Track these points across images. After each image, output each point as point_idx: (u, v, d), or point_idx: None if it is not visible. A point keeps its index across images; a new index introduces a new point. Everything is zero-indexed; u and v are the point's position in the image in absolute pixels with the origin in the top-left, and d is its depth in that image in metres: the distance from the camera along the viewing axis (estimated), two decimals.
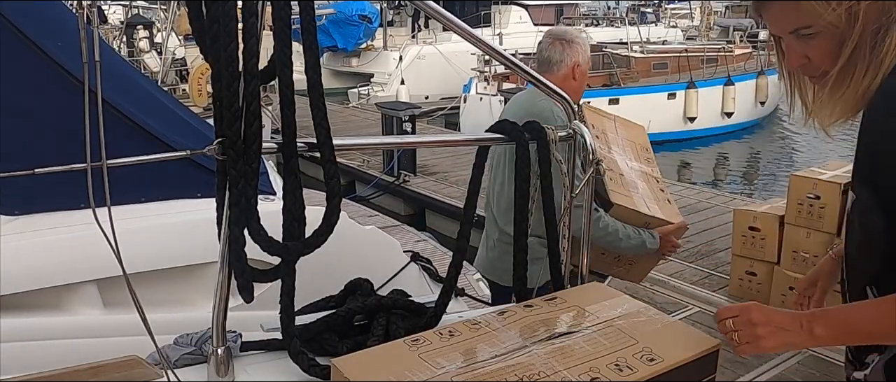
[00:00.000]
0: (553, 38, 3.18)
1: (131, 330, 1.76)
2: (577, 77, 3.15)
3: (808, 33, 1.33)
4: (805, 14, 1.30)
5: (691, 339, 1.48)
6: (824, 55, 1.34)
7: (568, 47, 3.14)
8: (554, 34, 3.23)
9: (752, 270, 5.53)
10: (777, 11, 1.36)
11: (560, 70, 3.11)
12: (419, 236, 6.45)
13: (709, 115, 16.60)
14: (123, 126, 2.72)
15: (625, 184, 2.98)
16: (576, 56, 3.14)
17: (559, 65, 3.12)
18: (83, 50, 1.23)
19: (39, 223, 2.64)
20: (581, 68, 3.14)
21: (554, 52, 3.14)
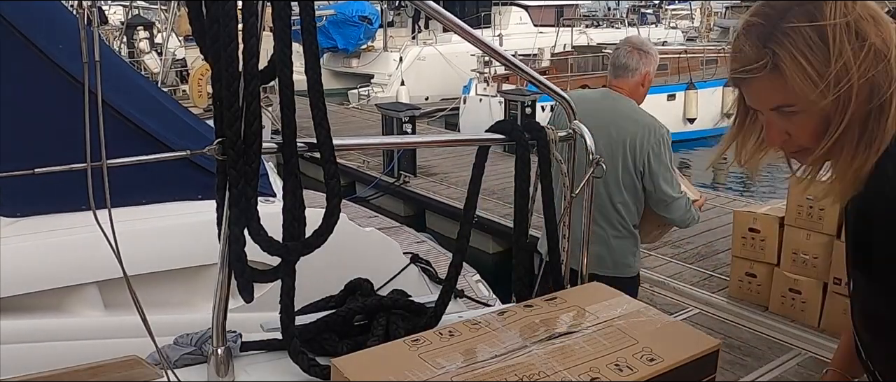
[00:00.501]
0: (632, 47, 3.48)
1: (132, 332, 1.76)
2: (645, 84, 3.49)
3: (792, 111, 1.24)
4: (791, 93, 1.21)
5: (691, 339, 1.48)
6: (807, 132, 1.24)
7: (644, 57, 3.46)
8: (632, 43, 3.53)
9: (752, 271, 5.52)
10: (760, 88, 1.25)
11: (634, 77, 3.44)
12: (419, 237, 6.45)
13: (708, 116, 16.60)
14: (123, 127, 2.72)
15: None
16: (649, 66, 3.46)
17: (634, 73, 3.44)
18: (83, 50, 1.23)
19: (41, 225, 2.64)
20: (650, 77, 3.47)
21: (631, 59, 3.44)
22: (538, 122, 1.86)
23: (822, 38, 1.16)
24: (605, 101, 3.46)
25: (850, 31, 1.16)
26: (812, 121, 1.22)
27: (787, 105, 1.23)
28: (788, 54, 1.18)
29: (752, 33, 1.24)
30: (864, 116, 1.18)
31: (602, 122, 3.32)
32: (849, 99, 1.17)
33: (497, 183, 8.13)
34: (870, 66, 1.16)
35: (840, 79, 1.16)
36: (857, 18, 1.17)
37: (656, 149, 3.35)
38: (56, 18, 2.77)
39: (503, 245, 8.20)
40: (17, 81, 2.60)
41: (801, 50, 1.17)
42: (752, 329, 5.27)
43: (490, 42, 1.96)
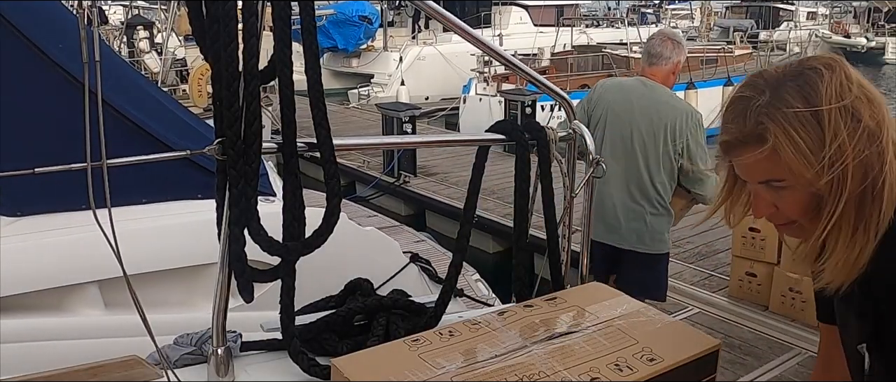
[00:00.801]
0: (665, 37, 3.81)
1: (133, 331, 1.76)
2: (675, 72, 3.82)
3: (781, 186, 1.21)
4: (781, 168, 1.18)
5: (691, 339, 1.48)
6: (796, 207, 1.22)
7: (676, 47, 3.77)
8: (666, 34, 3.89)
9: (752, 271, 5.52)
10: (750, 160, 1.21)
11: (667, 65, 3.76)
12: (418, 237, 6.44)
13: (708, 116, 16.51)
14: (123, 127, 2.72)
15: None
16: (680, 55, 3.78)
17: (667, 61, 3.75)
18: (83, 50, 1.23)
19: (41, 224, 2.64)
20: (679, 66, 3.80)
21: (665, 48, 3.76)
22: (538, 122, 1.86)
23: (816, 118, 1.14)
24: (644, 89, 3.75)
25: (845, 112, 1.14)
26: (801, 196, 1.20)
27: (777, 179, 1.20)
28: (782, 131, 1.15)
29: (742, 105, 1.22)
30: (858, 198, 1.16)
31: (643, 108, 3.69)
32: (844, 180, 1.14)
33: (497, 183, 8.13)
34: (863, 147, 1.14)
35: (834, 160, 1.13)
36: (853, 99, 1.15)
37: (694, 131, 3.68)
38: (56, 18, 2.77)
39: (503, 245, 8.20)
40: (17, 81, 2.60)
41: (795, 128, 1.15)
42: (752, 329, 5.27)
43: (490, 42, 1.96)
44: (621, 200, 3.77)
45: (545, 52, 19.51)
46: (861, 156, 1.14)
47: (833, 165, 1.14)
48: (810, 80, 1.16)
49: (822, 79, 1.15)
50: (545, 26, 22.69)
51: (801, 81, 1.16)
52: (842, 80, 1.16)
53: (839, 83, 1.15)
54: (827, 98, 1.14)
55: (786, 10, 38.09)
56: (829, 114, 1.13)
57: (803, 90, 1.16)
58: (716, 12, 31.40)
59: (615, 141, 3.75)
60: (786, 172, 1.18)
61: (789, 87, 1.17)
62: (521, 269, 1.86)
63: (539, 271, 1.93)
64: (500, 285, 4.91)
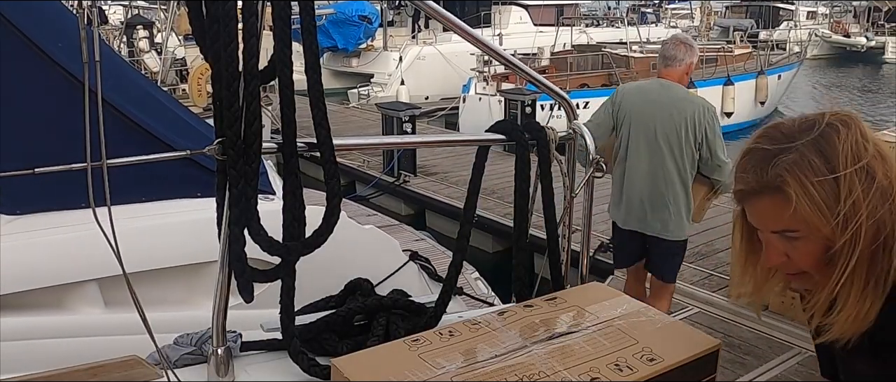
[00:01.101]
0: (679, 41, 4.23)
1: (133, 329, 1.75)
2: (689, 73, 4.22)
3: (794, 236, 1.22)
4: (795, 219, 1.19)
5: (691, 339, 1.48)
6: (808, 258, 1.23)
7: (689, 50, 4.17)
8: (679, 39, 4.31)
9: None
10: (766, 209, 1.22)
11: (681, 66, 4.14)
12: (418, 235, 6.44)
13: None
14: (123, 126, 2.72)
15: None
16: (693, 57, 4.18)
17: (680, 63, 4.13)
18: (83, 50, 1.23)
19: (40, 222, 2.64)
20: (692, 67, 4.20)
21: (679, 51, 4.15)
22: (538, 122, 1.86)
23: (831, 172, 1.15)
24: (662, 89, 4.14)
25: (861, 170, 1.15)
26: (814, 247, 1.21)
27: (791, 230, 1.21)
28: (799, 184, 1.16)
29: (759, 156, 1.22)
30: (871, 254, 1.17)
31: (664, 106, 4.05)
32: (858, 236, 1.16)
33: (497, 182, 8.13)
34: (877, 205, 1.15)
35: (849, 216, 1.15)
36: (869, 158, 1.17)
37: (711, 122, 4.06)
38: (55, 17, 2.77)
39: (503, 244, 8.19)
40: (16, 79, 2.60)
41: (813, 182, 1.16)
42: (752, 328, 5.27)
43: (490, 41, 1.96)
44: (648, 192, 4.11)
45: (545, 52, 19.51)
46: (875, 214, 1.15)
47: (848, 221, 1.15)
48: (828, 137, 1.17)
49: (840, 136, 1.17)
50: (545, 26, 22.68)
51: (819, 136, 1.18)
52: (857, 138, 1.18)
53: (855, 141, 1.17)
54: (844, 155, 1.16)
55: (786, 9, 38.11)
56: (845, 169, 1.15)
57: (820, 145, 1.17)
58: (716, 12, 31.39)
59: (639, 138, 4.10)
60: (801, 224, 1.19)
61: (807, 142, 1.18)
62: (521, 269, 1.86)
63: (539, 271, 1.93)
64: (500, 285, 4.91)
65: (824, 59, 35.01)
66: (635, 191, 4.15)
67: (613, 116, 4.18)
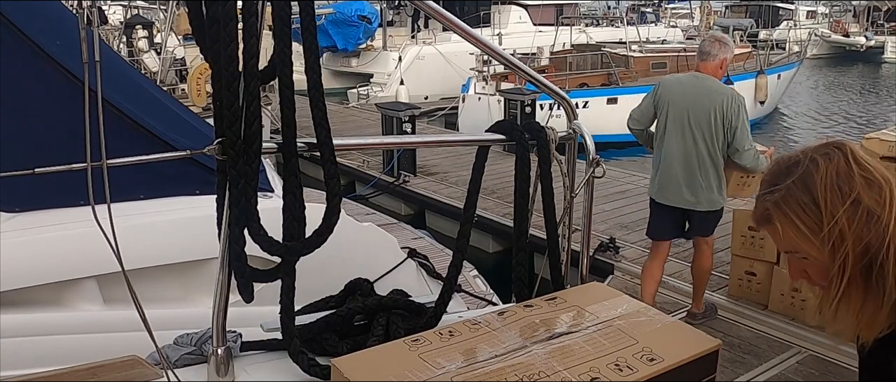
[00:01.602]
0: (714, 39, 4.80)
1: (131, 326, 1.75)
2: (722, 67, 4.74)
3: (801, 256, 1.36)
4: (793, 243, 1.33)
5: (691, 339, 1.48)
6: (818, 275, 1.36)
7: (723, 47, 4.72)
8: (715, 37, 4.88)
9: (752, 270, 5.52)
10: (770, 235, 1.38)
11: (715, 61, 4.67)
12: (416, 233, 6.43)
13: None
14: (121, 124, 2.72)
15: None
16: (727, 54, 4.71)
17: (715, 58, 4.67)
18: (83, 50, 1.23)
19: (39, 220, 2.64)
20: (726, 62, 4.73)
21: (713, 48, 4.69)
22: (538, 122, 1.86)
23: (814, 202, 1.29)
24: (696, 81, 4.68)
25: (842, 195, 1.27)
26: (819, 266, 1.34)
27: (794, 251, 1.36)
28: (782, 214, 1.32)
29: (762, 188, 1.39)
30: (863, 272, 1.29)
31: (698, 96, 4.60)
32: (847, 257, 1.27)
33: (497, 182, 8.13)
34: (864, 228, 1.26)
35: (834, 239, 1.28)
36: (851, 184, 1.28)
37: (737, 110, 4.56)
38: (54, 17, 2.76)
39: (503, 244, 8.19)
40: (14, 77, 2.60)
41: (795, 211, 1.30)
42: (752, 328, 5.27)
43: (489, 41, 1.96)
44: (683, 171, 4.66)
45: (544, 51, 19.49)
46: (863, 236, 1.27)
47: (834, 244, 1.28)
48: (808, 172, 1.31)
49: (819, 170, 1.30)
50: (545, 25, 22.66)
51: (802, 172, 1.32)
52: (840, 169, 1.30)
53: (835, 172, 1.30)
54: (822, 186, 1.29)
55: (785, 8, 38.11)
56: (825, 199, 1.28)
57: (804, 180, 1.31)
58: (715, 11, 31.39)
59: (676, 124, 4.66)
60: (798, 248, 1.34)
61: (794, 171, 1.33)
62: (521, 269, 1.86)
63: (539, 271, 1.93)
64: (500, 285, 4.91)
65: (823, 59, 35.01)
66: (672, 170, 4.70)
67: (654, 105, 4.78)
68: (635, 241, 7.13)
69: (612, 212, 8.17)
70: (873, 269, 1.28)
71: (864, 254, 1.27)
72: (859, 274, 1.29)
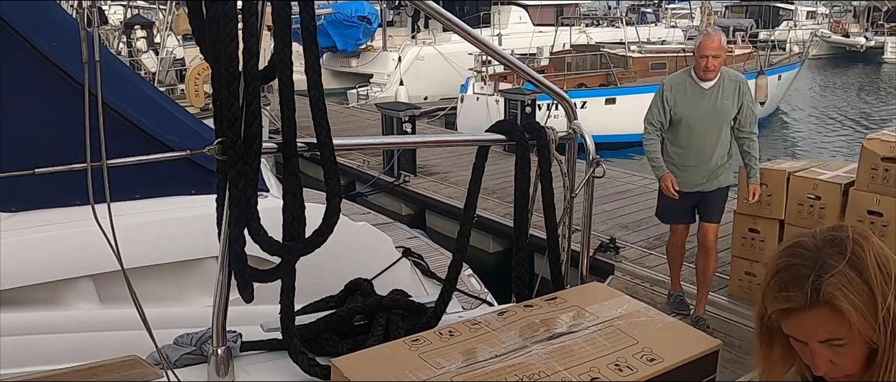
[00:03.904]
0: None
1: (127, 325, 1.75)
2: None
3: (841, 344, 1.31)
4: (840, 328, 1.28)
5: (691, 339, 1.48)
6: (853, 362, 1.33)
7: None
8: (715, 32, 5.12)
9: (752, 271, 5.52)
10: (815, 324, 1.31)
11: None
12: (411, 233, 6.43)
13: None
14: (118, 124, 2.72)
15: None
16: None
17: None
18: (83, 50, 1.23)
19: (35, 219, 2.64)
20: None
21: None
22: (538, 122, 1.86)
23: (866, 283, 1.27)
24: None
25: (888, 276, 1.27)
26: (859, 352, 1.31)
27: (837, 339, 1.30)
28: (846, 299, 1.27)
29: (796, 273, 1.31)
30: None
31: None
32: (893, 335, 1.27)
33: (497, 182, 8.12)
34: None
35: (887, 319, 1.26)
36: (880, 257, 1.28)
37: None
38: (50, 16, 2.77)
39: (503, 245, 8.19)
40: (10, 78, 2.60)
41: (854, 293, 1.27)
42: (752, 328, 5.25)
43: (489, 41, 1.96)
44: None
45: (544, 52, 19.49)
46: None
47: (886, 323, 1.27)
48: (858, 253, 1.29)
49: (865, 250, 1.29)
50: (545, 26, 22.66)
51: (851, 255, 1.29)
52: (879, 250, 1.30)
53: (877, 253, 1.30)
54: (873, 267, 1.28)
55: (785, 9, 38.10)
56: (876, 279, 1.27)
57: (854, 262, 1.29)
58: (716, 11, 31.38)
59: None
60: (848, 333, 1.29)
61: (835, 256, 1.30)
62: (522, 269, 1.85)
63: (539, 271, 1.93)
64: (500, 285, 4.90)
65: (824, 59, 35.00)
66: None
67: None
68: (635, 241, 7.13)
69: (612, 212, 8.17)
70: None
71: None
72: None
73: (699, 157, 4.97)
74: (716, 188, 5.07)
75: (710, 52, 4.80)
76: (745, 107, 4.97)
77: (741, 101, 4.94)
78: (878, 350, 1.29)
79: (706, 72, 4.82)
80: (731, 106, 4.89)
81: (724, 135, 4.93)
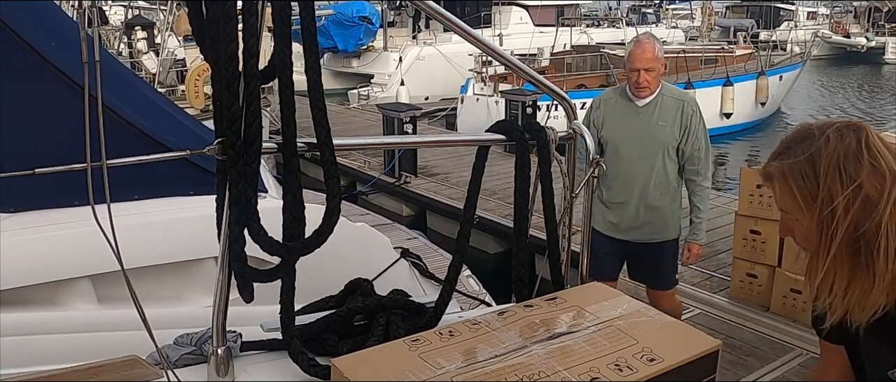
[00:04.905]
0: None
1: (125, 325, 1.75)
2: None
3: (790, 218, 1.45)
4: (787, 205, 1.43)
5: (691, 339, 1.48)
6: (803, 239, 1.46)
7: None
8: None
9: (753, 272, 5.51)
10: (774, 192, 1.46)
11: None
12: (410, 234, 6.43)
13: (706, 116, 16.42)
14: (116, 125, 2.72)
15: None
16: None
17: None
18: (83, 50, 1.23)
19: (34, 220, 2.65)
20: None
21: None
22: (538, 122, 1.86)
23: (815, 175, 1.36)
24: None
25: (844, 174, 1.34)
26: (804, 231, 1.44)
27: (786, 211, 1.46)
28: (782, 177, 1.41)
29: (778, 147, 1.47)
30: (852, 251, 1.35)
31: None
32: (834, 234, 1.35)
33: (497, 183, 8.12)
34: (860, 212, 1.32)
35: (825, 215, 1.35)
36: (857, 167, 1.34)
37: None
38: (48, 16, 2.77)
39: (503, 245, 8.19)
40: (8, 77, 2.60)
41: (795, 177, 1.39)
42: (753, 330, 5.26)
43: (489, 42, 1.96)
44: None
45: (544, 52, 19.50)
46: (856, 219, 1.33)
47: (823, 218, 1.36)
48: (819, 147, 1.38)
49: (829, 147, 1.37)
50: (545, 26, 22.68)
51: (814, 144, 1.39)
52: (849, 149, 1.36)
53: (844, 152, 1.36)
54: (826, 163, 1.35)
55: (786, 9, 38.11)
56: (826, 176, 1.35)
57: (811, 152, 1.38)
58: (716, 12, 31.39)
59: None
60: (794, 210, 1.42)
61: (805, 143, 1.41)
62: (522, 269, 1.85)
63: (539, 271, 1.93)
64: (500, 285, 4.90)
65: (824, 60, 35.00)
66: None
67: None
68: None
69: None
70: (861, 251, 1.33)
71: (854, 236, 1.33)
72: (846, 253, 1.35)
73: (626, 192, 3.90)
74: (651, 241, 3.98)
75: (641, 65, 3.76)
76: (691, 136, 3.86)
77: (685, 127, 3.84)
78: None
79: (638, 89, 3.82)
80: (670, 131, 3.83)
81: (659, 167, 3.86)
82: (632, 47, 3.88)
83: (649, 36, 4.04)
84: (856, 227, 1.33)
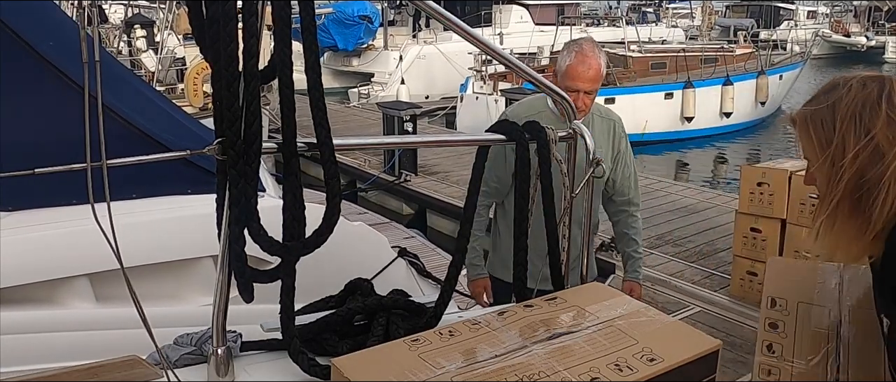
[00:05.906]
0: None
1: (123, 324, 1.75)
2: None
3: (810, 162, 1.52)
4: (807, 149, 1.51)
5: (692, 339, 1.48)
6: (820, 183, 1.50)
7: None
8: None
9: (754, 270, 5.52)
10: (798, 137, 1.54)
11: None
12: (408, 233, 6.44)
13: (706, 115, 16.56)
14: (115, 124, 2.72)
15: None
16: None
17: None
18: (83, 50, 1.23)
19: (32, 218, 2.65)
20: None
21: None
22: (538, 122, 1.85)
23: (833, 121, 1.42)
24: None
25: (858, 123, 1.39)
26: (821, 176, 1.48)
27: (807, 158, 1.52)
28: (802, 121, 1.49)
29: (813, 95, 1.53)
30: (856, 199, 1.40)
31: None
32: (841, 179, 1.40)
33: None
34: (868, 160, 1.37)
35: (835, 159, 1.41)
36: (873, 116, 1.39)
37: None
38: (46, 15, 2.77)
39: None
40: (9, 79, 2.60)
41: (812, 123, 1.46)
42: (753, 327, 5.26)
43: (489, 41, 1.96)
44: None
45: (544, 51, 19.51)
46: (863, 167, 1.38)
47: (833, 164, 1.41)
48: (839, 96, 1.44)
49: (849, 93, 1.42)
50: (545, 25, 22.68)
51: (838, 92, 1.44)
52: (868, 99, 1.41)
53: (863, 101, 1.41)
54: (843, 111, 1.41)
55: (786, 8, 38.11)
56: (843, 122, 1.41)
57: (832, 101, 1.45)
58: (716, 11, 31.40)
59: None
60: (810, 154, 1.49)
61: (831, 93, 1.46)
62: (521, 269, 1.85)
63: None
64: None
65: (824, 59, 34.99)
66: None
67: None
68: None
69: None
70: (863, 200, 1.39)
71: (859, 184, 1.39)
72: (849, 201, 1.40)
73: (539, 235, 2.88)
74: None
75: (583, 86, 2.89)
76: (620, 163, 3.20)
77: (617, 151, 3.18)
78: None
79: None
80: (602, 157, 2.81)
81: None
82: (571, 58, 2.92)
83: (592, 44, 3.03)
84: (861, 176, 1.38)
